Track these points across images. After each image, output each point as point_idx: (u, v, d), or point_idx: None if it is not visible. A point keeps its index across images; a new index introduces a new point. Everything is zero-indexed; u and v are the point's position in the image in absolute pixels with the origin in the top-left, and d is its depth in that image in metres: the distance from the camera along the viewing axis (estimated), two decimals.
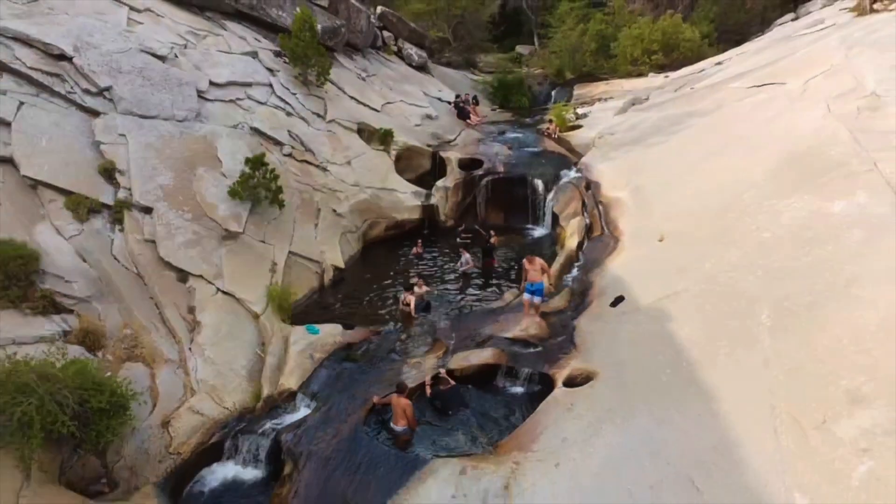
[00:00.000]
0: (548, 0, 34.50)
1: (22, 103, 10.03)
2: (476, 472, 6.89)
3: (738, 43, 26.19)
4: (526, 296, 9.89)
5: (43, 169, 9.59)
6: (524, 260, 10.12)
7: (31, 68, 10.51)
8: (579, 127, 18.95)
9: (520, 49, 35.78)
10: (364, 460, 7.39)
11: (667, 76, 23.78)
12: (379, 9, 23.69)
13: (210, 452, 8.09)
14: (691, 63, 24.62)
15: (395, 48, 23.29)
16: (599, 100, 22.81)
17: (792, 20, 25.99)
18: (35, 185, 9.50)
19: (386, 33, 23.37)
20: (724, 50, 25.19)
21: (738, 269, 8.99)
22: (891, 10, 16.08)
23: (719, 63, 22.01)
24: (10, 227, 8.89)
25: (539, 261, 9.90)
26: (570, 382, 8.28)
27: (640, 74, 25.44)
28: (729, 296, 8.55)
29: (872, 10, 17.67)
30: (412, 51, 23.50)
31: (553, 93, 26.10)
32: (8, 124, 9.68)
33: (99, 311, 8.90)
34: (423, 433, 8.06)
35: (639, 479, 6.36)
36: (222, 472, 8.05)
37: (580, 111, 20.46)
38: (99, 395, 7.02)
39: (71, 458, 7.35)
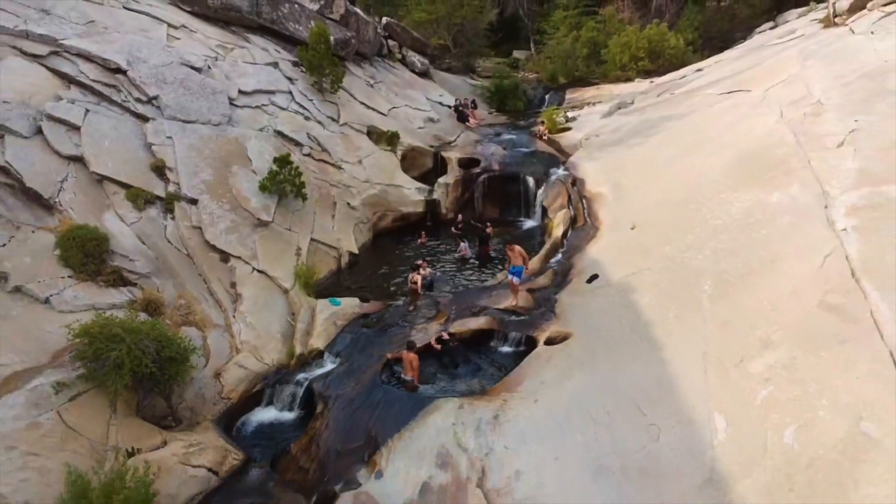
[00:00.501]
0: (543, 7, 36.30)
1: (88, 111, 11.80)
2: (472, 407, 8.65)
3: (722, 49, 27.79)
4: (508, 276, 11.66)
5: (107, 166, 11.35)
6: (506, 248, 11.93)
7: (93, 80, 12.28)
8: (568, 129, 20.67)
9: (517, 54, 37.48)
10: (381, 401, 9.14)
11: (652, 81, 25.50)
12: (384, 19, 25.48)
13: (254, 398, 9.88)
14: (676, 69, 26.29)
15: (399, 56, 25.06)
16: (589, 103, 24.53)
17: (770, 28, 27.71)
18: (101, 179, 11.26)
19: (391, 42, 25.13)
20: (709, 55, 26.82)
21: (691, 250, 10.73)
22: (846, 25, 17.81)
23: (699, 70, 23.72)
24: (84, 215, 10.65)
25: (518, 248, 11.66)
26: (550, 342, 10.03)
27: (628, 79, 27.11)
28: (682, 271, 10.30)
29: (834, 24, 19.43)
30: (415, 58, 25.27)
31: (547, 97, 27.81)
32: (78, 128, 11.44)
33: (157, 284, 10.67)
34: (430, 382, 9.83)
35: (598, 407, 8.13)
36: (264, 414, 9.84)
37: (570, 114, 22.19)
38: (170, 346, 8.79)
39: (145, 398, 9.11)
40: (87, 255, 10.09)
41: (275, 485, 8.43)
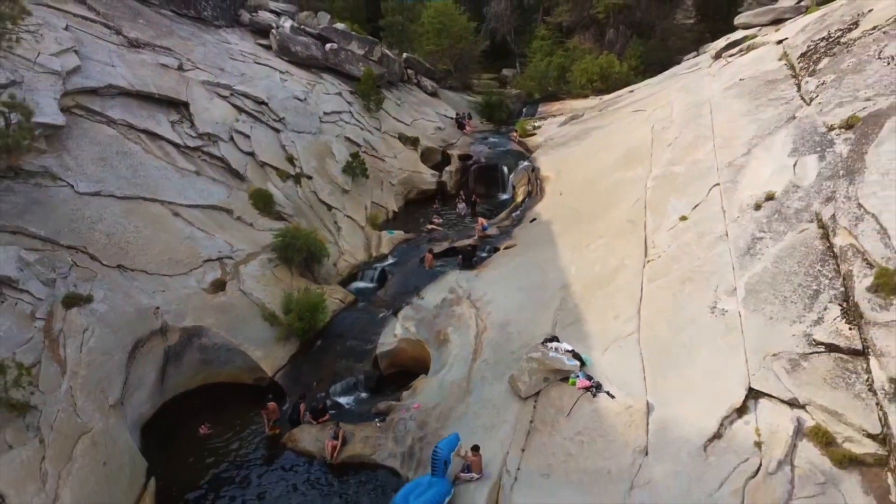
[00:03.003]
0: (525, 36, 45.56)
1: (252, 126, 21.04)
2: (465, 273, 17.93)
3: (663, 71, 36.46)
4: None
5: (266, 157, 20.59)
6: (477, 220, 21.32)
7: (251, 109, 21.50)
8: (534, 134, 29.93)
9: (505, 72, 46.81)
10: (420, 273, 18.46)
11: (601, 98, 34.62)
12: (405, 55, 34.76)
13: (353, 276, 19.19)
14: (621, 88, 35.44)
15: (415, 81, 34.32)
16: (553, 115, 33.78)
17: (693, 57, 36.71)
18: (263, 165, 20.49)
19: (409, 71, 34.39)
20: (651, 77, 35.79)
21: (584, 203, 19.99)
22: (718, 65, 26.93)
23: (632, 91, 32.85)
24: (259, 183, 19.86)
25: (481, 220, 21.00)
26: (506, 248, 19.32)
27: (585, 97, 36.26)
28: (577, 213, 19.57)
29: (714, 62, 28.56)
30: (427, 82, 34.53)
31: (524, 109, 37.05)
32: (248, 136, 20.66)
33: (297, 221, 19.91)
34: (448, 270, 19.17)
35: (523, 269, 17.37)
36: (359, 284, 19.14)
37: (537, 124, 31.44)
38: (316, 242, 18.07)
39: (303, 270, 18.37)
40: (264, 203, 19.36)
41: (372, 307, 17.71)
